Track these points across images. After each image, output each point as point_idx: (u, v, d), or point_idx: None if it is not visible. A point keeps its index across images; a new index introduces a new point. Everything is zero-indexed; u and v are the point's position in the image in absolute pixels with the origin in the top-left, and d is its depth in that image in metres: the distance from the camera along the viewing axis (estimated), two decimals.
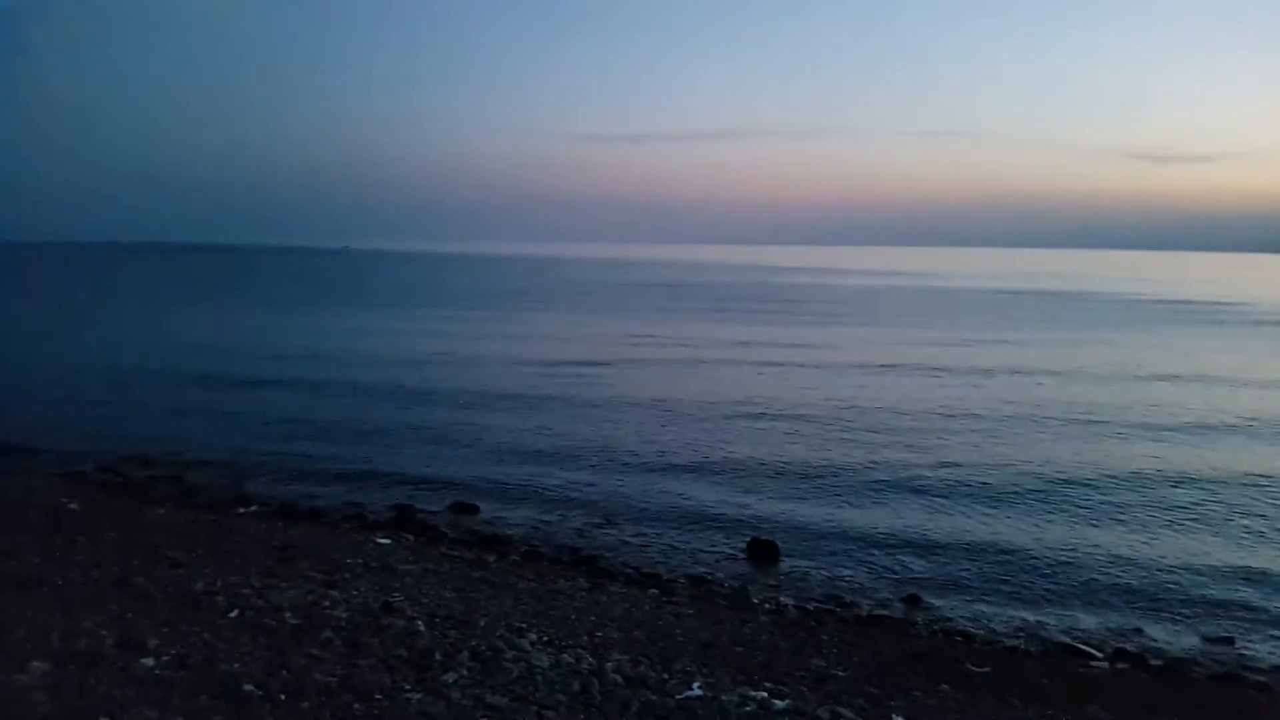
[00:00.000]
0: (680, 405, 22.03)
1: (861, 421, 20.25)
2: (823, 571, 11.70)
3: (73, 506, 11.89)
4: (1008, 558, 12.13)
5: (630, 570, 11.35)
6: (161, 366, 28.06)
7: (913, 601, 10.82)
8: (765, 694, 7.11)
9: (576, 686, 6.85)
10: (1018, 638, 9.95)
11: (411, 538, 12.13)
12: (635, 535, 12.81)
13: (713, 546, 12.48)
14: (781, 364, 30.00)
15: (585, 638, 8.20)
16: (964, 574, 11.64)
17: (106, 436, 17.86)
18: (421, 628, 7.93)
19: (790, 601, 10.63)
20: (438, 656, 7.25)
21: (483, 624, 8.22)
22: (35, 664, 6.47)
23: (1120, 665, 9.33)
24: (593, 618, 9.05)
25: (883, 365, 29.84)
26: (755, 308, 58.78)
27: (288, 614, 7.94)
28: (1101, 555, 12.19)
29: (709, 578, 11.30)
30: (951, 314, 55.08)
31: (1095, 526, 13.38)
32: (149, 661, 6.67)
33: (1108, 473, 16.05)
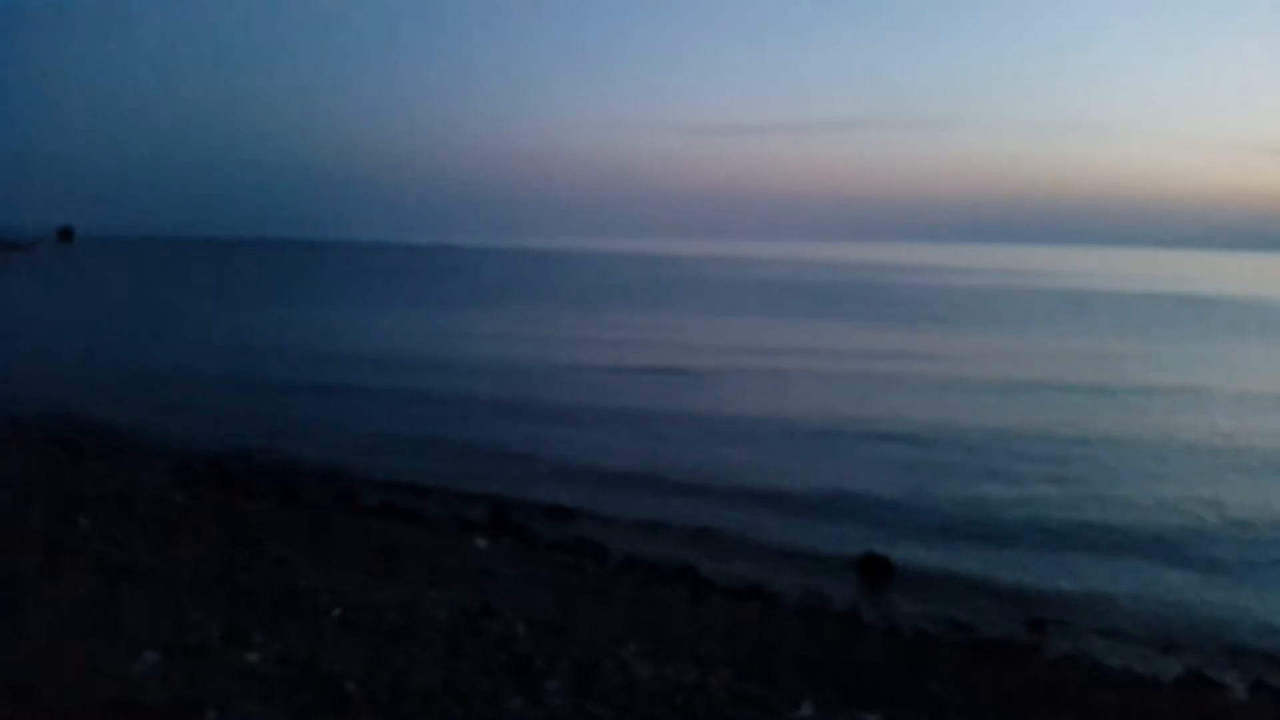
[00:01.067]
0: (789, 416, 21.41)
1: (990, 442, 18.93)
2: (939, 592, 11.22)
3: (179, 500, 12.16)
4: (1141, 589, 11.42)
5: (732, 582, 11.07)
6: (263, 363, 28.79)
7: (1036, 627, 10.29)
8: (879, 718, 6.79)
9: (680, 701, 6.62)
10: (1147, 666, 9.39)
11: (509, 541, 12.09)
12: (738, 546, 12.51)
13: (821, 561, 12.09)
14: (903, 375, 28.79)
15: (687, 650, 7.96)
16: (1092, 603, 11.00)
17: (210, 432, 18.35)
18: (521, 632, 7.82)
19: (904, 622, 10.23)
20: (537, 662, 7.11)
21: (582, 631, 8.07)
22: (147, 653, 6.54)
23: (1259, 696, 8.71)
24: (694, 630, 8.82)
25: (1023, 381, 27.48)
26: (872, 310, 56.22)
27: (389, 613, 7.91)
28: (1245, 593, 11.38)
29: (817, 593, 10.94)
30: (1086, 319, 51.69)
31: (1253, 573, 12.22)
32: (254, 656, 6.69)
33: None
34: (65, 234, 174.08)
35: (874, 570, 11.73)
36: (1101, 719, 7.74)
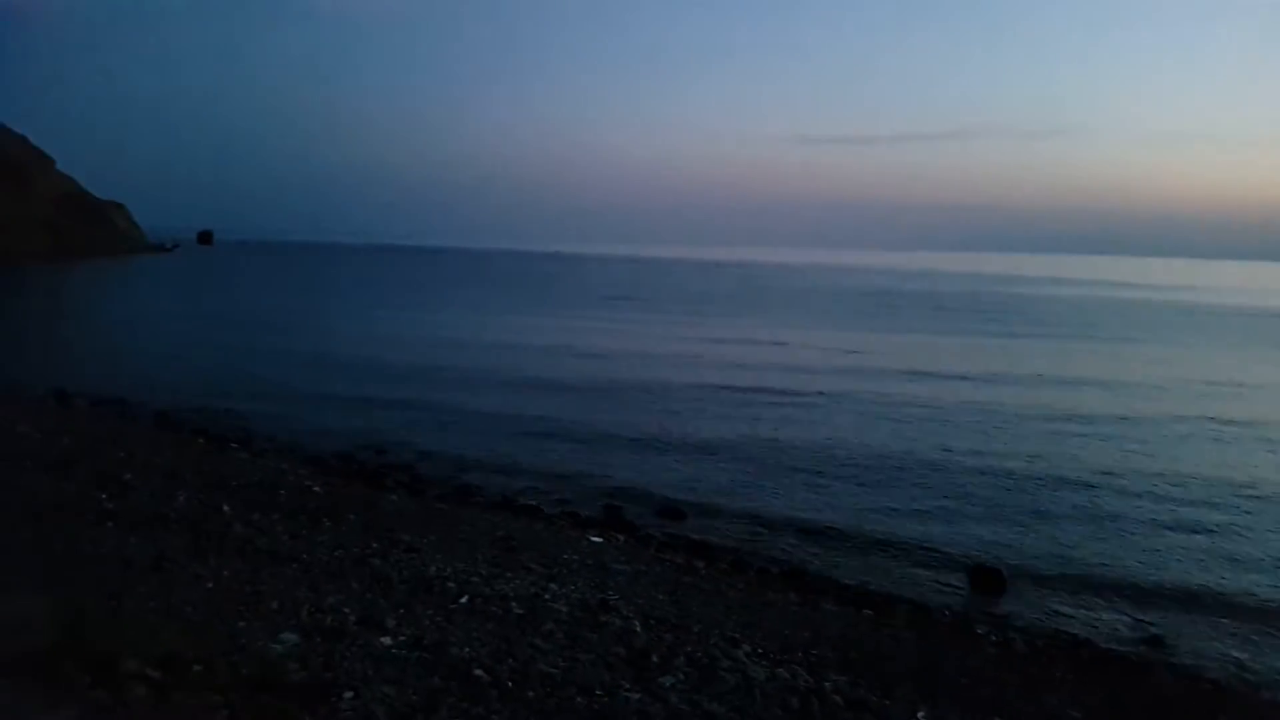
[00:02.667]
0: (897, 423, 21.25)
1: (1108, 460, 17.98)
2: (1053, 605, 10.96)
3: (317, 489, 12.74)
4: (1267, 607, 10.96)
5: (844, 589, 11.03)
6: (390, 361, 29.80)
7: (1155, 643, 9.97)
8: None
9: (795, 704, 6.67)
10: (1274, 689, 8.98)
11: (622, 538, 12.30)
12: (850, 553, 12.44)
13: (933, 571, 11.94)
14: (1009, 378, 28.22)
15: (800, 654, 7.99)
16: (1214, 621, 10.60)
17: (344, 426, 19.15)
18: (638, 628, 7.98)
19: (1018, 634, 10.04)
20: (654, 658, 7.26)
21: (697, 630, 8.18)
22: (287, 634, 6.92)
23: None
24: (807, 634, 8.83)
25: (1143, 398, 25.73)
26: (994, 326, 51.68)
27: (513, 603, 8.18)
28: None
29: (929, 603, 10.82)
30: (1229, 340, 47.59)
31: None
32: (387, 640, 7.01)
33: None
34: (205, 237, 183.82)
35: (986, 580, 11.50)
36: None
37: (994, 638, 9.87)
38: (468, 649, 6.92)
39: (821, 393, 24.76)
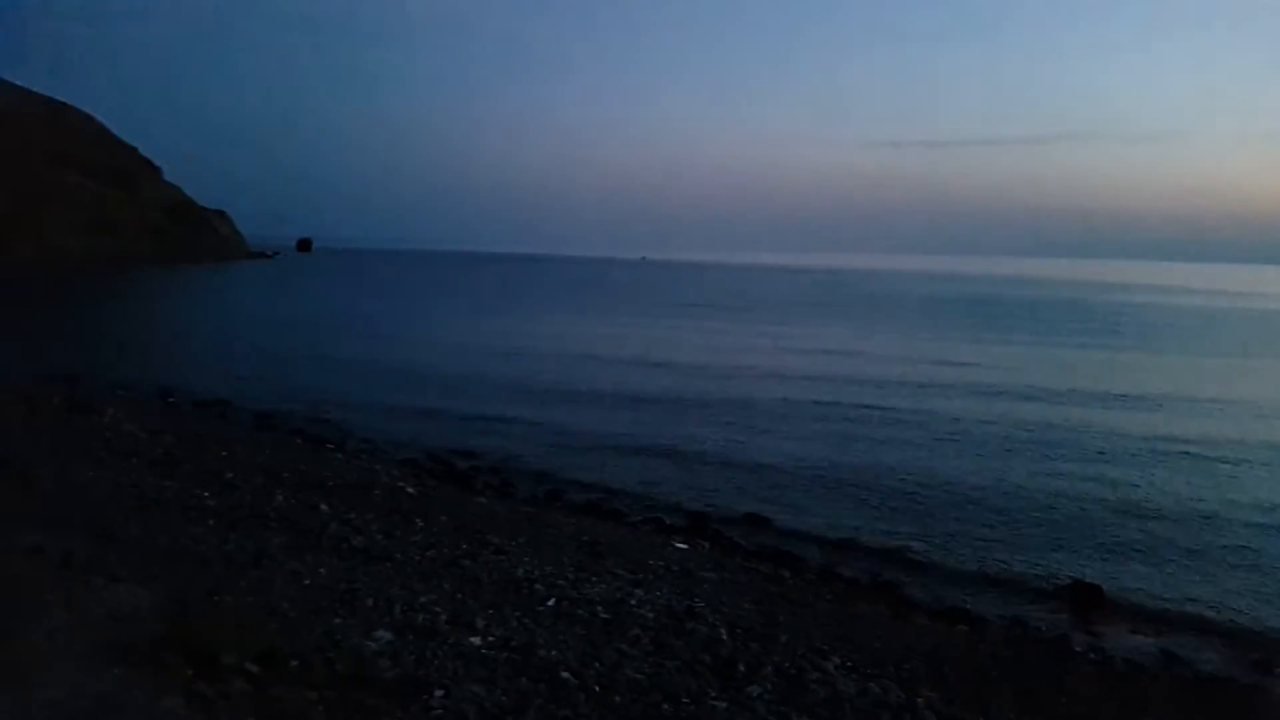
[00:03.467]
0: (990, 435, 20.67)
1: (1216, 476, 17.29)
2: (1154, 624, 10.54)
3: (409, 490, 12.98)
4: None
5: (935, 603, 10.77)
6: (481, 366, 30.24)
7: (1264, 668, 9.51)
8: None
9: (887, 719, 6.54)
10: None
11: (707, 545, 12.23)
12: (941, 566, 12.12)
13: (1029, 586, 11.58)
14: (1111, 394, 27.18)
15: (891, 668, 7.82)
16: None
17: (435, 428, 19.50)
18: (724, 636, 7.91)
19: (1116, 654, 9.68)
20: (741, 668, 7.19)
21: (784, 640, 8.08)
22: (381, 631, 7.04)
23: None
24: (898, 648, 8.64)
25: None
26: (1102, 338, 48.57)
27: (599, 608, 8.20)
28: None
29: (1024, 619, 10.50)
30: None
31: None
32: (476, 640, 7.08)
33: None
34: (304, 245, 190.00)
35: (1084, 598, 11.10)
36: None
37: (1092, 656, 9.54)
38: (555, 651, 6.95)
39: (912, 407, 24.14)
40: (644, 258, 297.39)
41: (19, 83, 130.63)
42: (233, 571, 8.00)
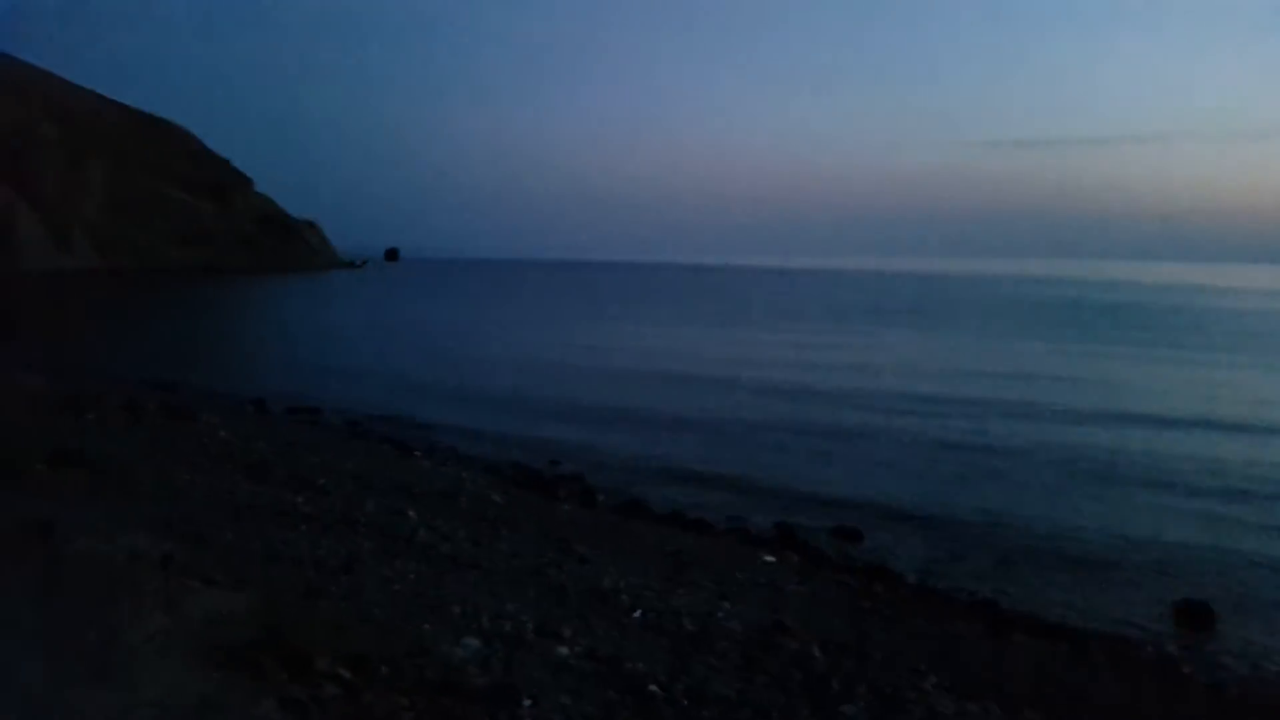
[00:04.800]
0: (1096, 457, 19.35)
1: None
2: (1269, 646, 9.98)
3: (495, 498, 13.04)
4: None
5: (1037, 620, 10.36)
6: (562, 372, 30.41)
7: None
8: None
9: None
10: None
11: (796, 558, 11.99)
12: (1041, 583, 11.64)
13: (1133, 604, 11.05)
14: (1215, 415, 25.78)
15: (991, 689, 7.54)
16: None
17: (521, 436, 19.61)
18: (816, 652, 7.72)
19: (1228, 677, 9.19)
20: (834, 685, 6.99)
21: (878, 658, 7.85)
22: (469, 639, 7.03)
23: None
24: (997, 667, 8.35)
25: None
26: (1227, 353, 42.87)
27: (685, 620, 8.07)
28: None
29: (1129, 638, 10.04)
30: None
31: None
32: (564, 650, 7.03)
33: None
34: (391, 254, 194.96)
35: (1194, 617, 10.56)
36: None
37: (1201, 680, 9.08)
38: (642, 664, 6.85)
39: (1015, 411, 23.37)
40: (727, 264, 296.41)
41: (119, 99, 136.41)
42: (325, 576, 8.09)
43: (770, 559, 11.62)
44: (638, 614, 8.13)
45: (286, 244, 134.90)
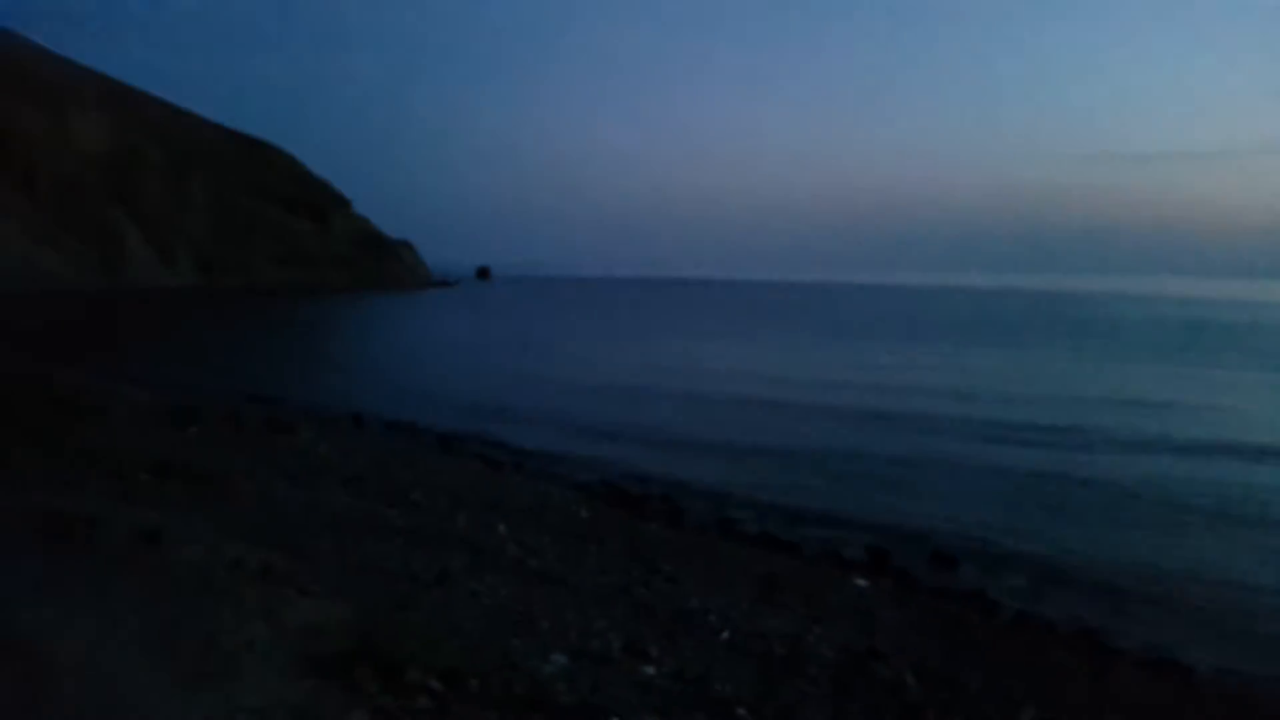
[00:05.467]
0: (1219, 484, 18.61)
1: None
2: None
3: (583, 514, 13.08)
4: None
5: (1141, 652, 9.92)
6: (656, 390, 30.37)
7: None
8: None
9: None
10: None
11: (889, 583, 11.71)
12: (1146, 617, 11.09)
13: (1250, 635, 10.52)
14: None
15: None
16: None
17: (610, 452, 19.68)
18: (909, 681, 7.52)
19: None
20: (928, 714, 6.81)
21: (974, 688, 7.62)
22: (556, 655, 7.04)
23: None
24: (1098, 699, 8.02)
25: None
26: None
27: (775, 643, 7.95)
28: None
29: (1240, 671, 9.52)
30: None
31: None
32: (650, 670, 6.98)
33: None
34: (483, 272, 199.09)
35: None
36: None
37: None
38: (730, 686, 6.76)
39: (1122, 439, 22.50)
40: (825, 280, 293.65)
41: (224, 123, 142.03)
42: (418, 589, 8.20)
43: (863, 583, 11.37)
44: (725, 635, 8.04)
45: (382, 263, 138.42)
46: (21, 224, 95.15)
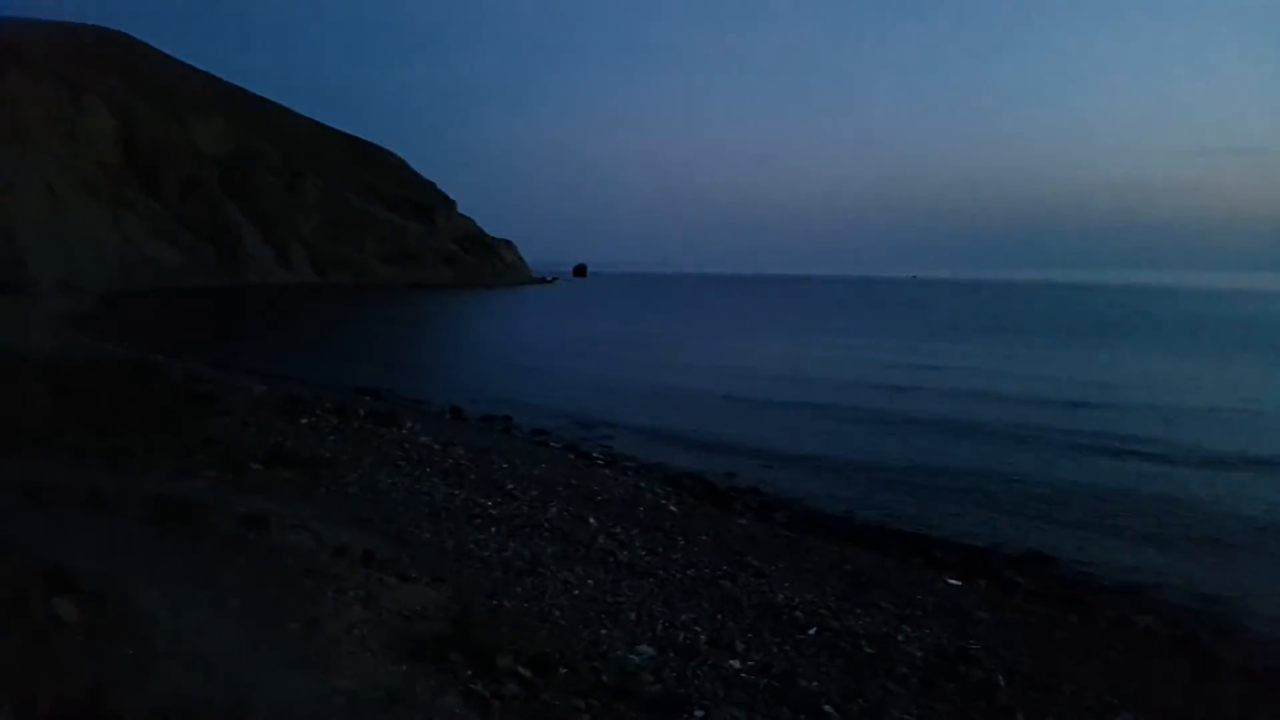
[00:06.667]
0: None
1: None
2: None
3: (672, 508, 13.19)
4: None
5: (1247, 661, 9.51)
6: (745, 384, 30.19)
7: None
8: None
9: None
10: None
11: (983, 583, 11.48)
12: (1251, 626, 10.60)
13: None
14: None
15: None
16: None
17: (699, 446, 19.71)
18: (1001, 682, 7.41)
19: None
20: (1019, 717, 6.71)
21: (1068, 691, 7.46)
22: (643, 646, 7.17)
23: None
24: (1199, 708, 7.77)
25: None
26: None
27: (863, 641, 7.93)
28: None
29: None
30: None
31: None
32: (736, 663, 7.05)
33: None
34: (580, 270, 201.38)
35: None
36: None
37: None
38: (816, 683, 6.78)
39: (1235, 444, 21.56)
40: (914, 276, 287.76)
41: (334, 125, 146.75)
42: (510, 577, 8.44)
43: (955, 582, 11.19)
44: (812, 631, 8.05)
45: (485, 261, 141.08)
46: (147, 223, 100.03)
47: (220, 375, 22.91)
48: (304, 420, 15.91)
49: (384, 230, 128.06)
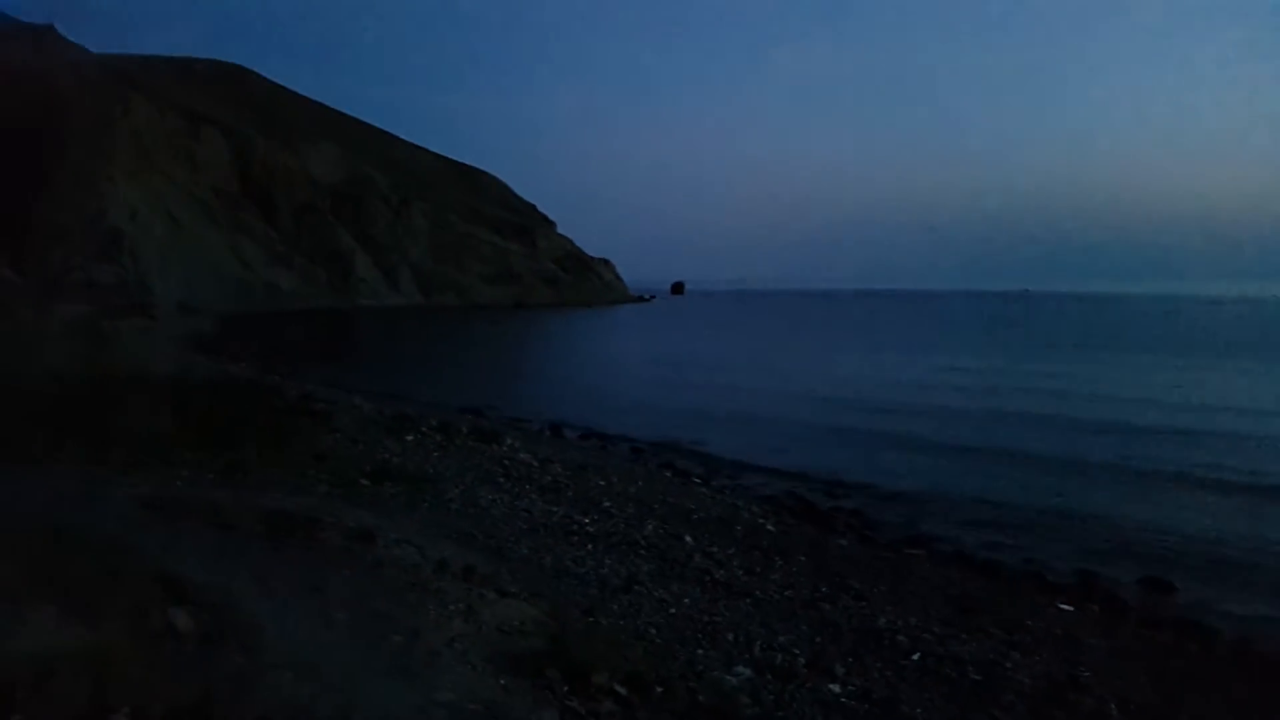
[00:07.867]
0: None
1: None
2: None
3: (769, 528, 13.05)
4: None
5: None
6: (850, 402, 29.74)
7: None
8: None
9: None
10: None
11: (1096, 608, 11.03)
12: None
13: None
14: None
15: None
16: None
17: (798, 466, 19.42)
18: (1114, 712, 7.12)
19: None
20: None
21: None
22: (740, 668, 7.10)
23: None
24: None
25: None
26: None
27: (969, 668, 7.70)
28: None
29: None
30: None
31: None
32: (835, 688, 6.93)
33: None
34: (677, 287, 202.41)
35: None
36: None
37: None
38: (919, 710, 6.62)
39: None
40: (1026, 290, 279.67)
41: (438, 150, 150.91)
42: (607, 595, 8.47)
43: (1067, 608, 10.76)
44: (916, 657, 7.85)
45: (584, 280, 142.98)
46: (263, 247, 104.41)
47: (332, 394, 23.64)
48: (409, 437, 16.30)
49: (487, 252, 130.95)
